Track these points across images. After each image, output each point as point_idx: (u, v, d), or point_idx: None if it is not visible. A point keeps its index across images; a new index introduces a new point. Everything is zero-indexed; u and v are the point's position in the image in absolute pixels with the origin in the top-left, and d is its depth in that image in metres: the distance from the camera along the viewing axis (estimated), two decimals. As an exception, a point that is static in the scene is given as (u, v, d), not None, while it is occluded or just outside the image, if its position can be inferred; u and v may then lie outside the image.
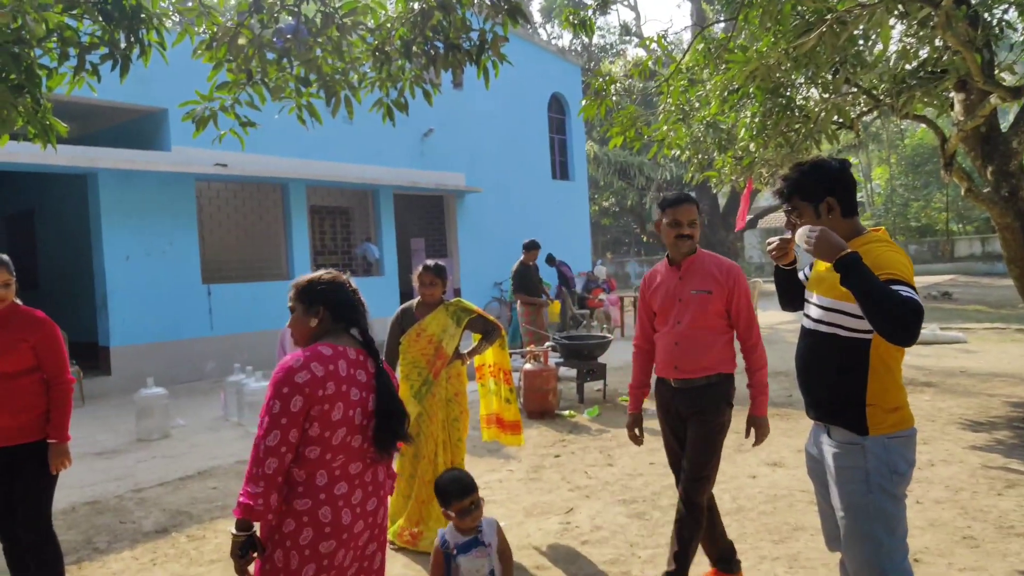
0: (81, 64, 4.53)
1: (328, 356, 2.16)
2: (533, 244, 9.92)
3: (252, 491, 2.00)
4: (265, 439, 2.03)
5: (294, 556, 2.09)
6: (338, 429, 2.13)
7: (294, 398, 2.05)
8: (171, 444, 7.05)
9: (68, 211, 12.14)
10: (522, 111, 18.24)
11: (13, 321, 3.30)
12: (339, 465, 2.16)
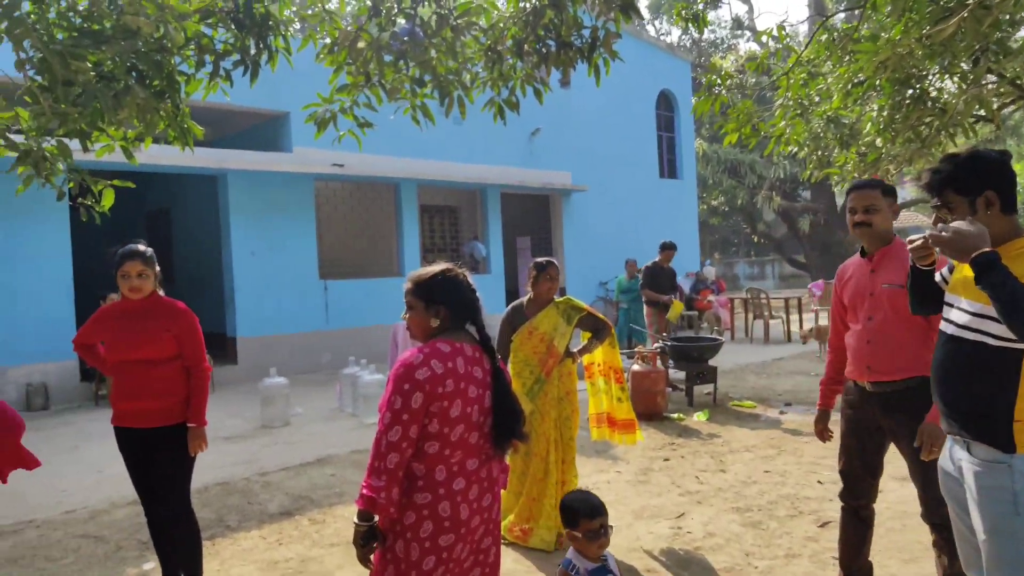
0: (216, 70, 4.81)
1: (447, 353, 2.18)
2: (668, 245, 9.52)
3: (375, 484, 2.04)
4: (387, 434, 2.06)
5: (415, 548, 2.12)
6: (456, 426, 2.15)
7: (415, 394, 2.07)
8: (291, 431, 7.40)
9: (200, 209, 12.98)
10: (629, 109, 18.00)
11: (157, 311, 3.54)
12: (457, 461, 2.18)
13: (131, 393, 3.48)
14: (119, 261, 3.53)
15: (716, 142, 26.67)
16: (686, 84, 20.12)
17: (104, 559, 4.29)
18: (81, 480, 5.88)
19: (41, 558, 4.31)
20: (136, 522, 4.86)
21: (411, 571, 2.13)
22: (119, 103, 4.34)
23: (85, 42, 4.23)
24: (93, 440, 7.22)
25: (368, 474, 2.07)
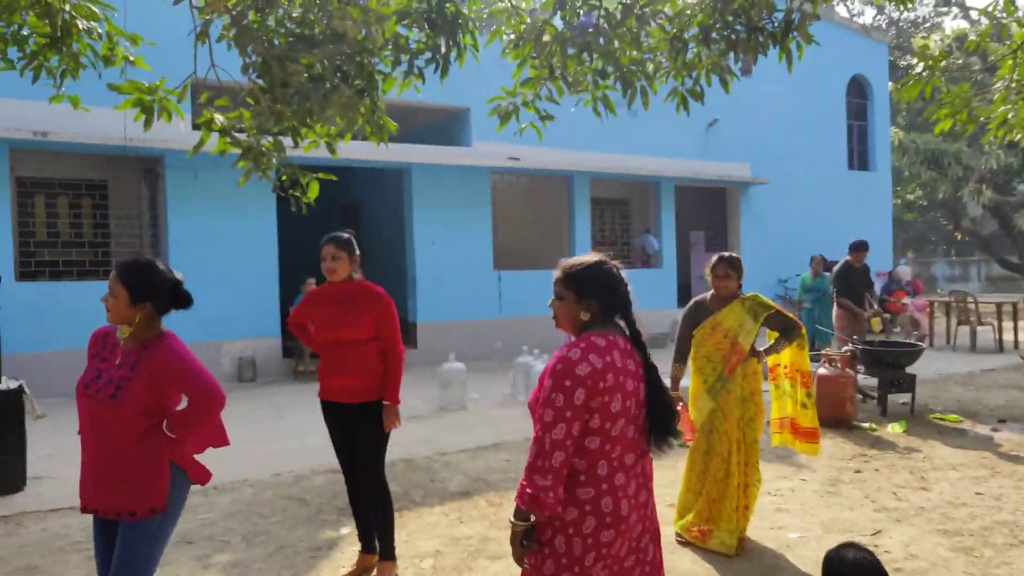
0: (410, 68, 5.07)
1: (603, 347, 2.12)
2: (860, 245, 8.72)
3: (541, 483, 2.00)
4: (551, 432, 2.01)
5: (576, 544, 2.08)
6: (617, 420, 2.11)
7: (577, 391, 2.03)
8: (467, 415, 7.71)
9: (387, 202, 13.80)
10: (816, 96, 16.88)
11: (359, 296, 3.80)
12: (617, 456, 2.14)
13: (335, 370, 3.77)
14: (321, 245, 3.84)
15: (915, 130, 24.37)
16: (882, 68, 18.53)
17: (307, 520, 4.70)
18: (285, 446, 6.48)
19: (255, 514, 4.79)
20: (333, 489, 5.27)
21: (573, 567, 2.08)
22: (327, 102, 4.69)
23: (299, 47, 4.60)
24: (295, 411, 7.94)
25: (531, 472, 2.02)
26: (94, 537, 2.74)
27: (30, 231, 10.42)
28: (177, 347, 2.66)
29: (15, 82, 5.73)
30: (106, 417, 2.57)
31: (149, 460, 2.58)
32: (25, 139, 8.91)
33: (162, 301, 2.69)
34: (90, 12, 4.72)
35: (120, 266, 2.68)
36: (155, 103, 4.70)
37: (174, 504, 2.66)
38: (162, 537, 2.65)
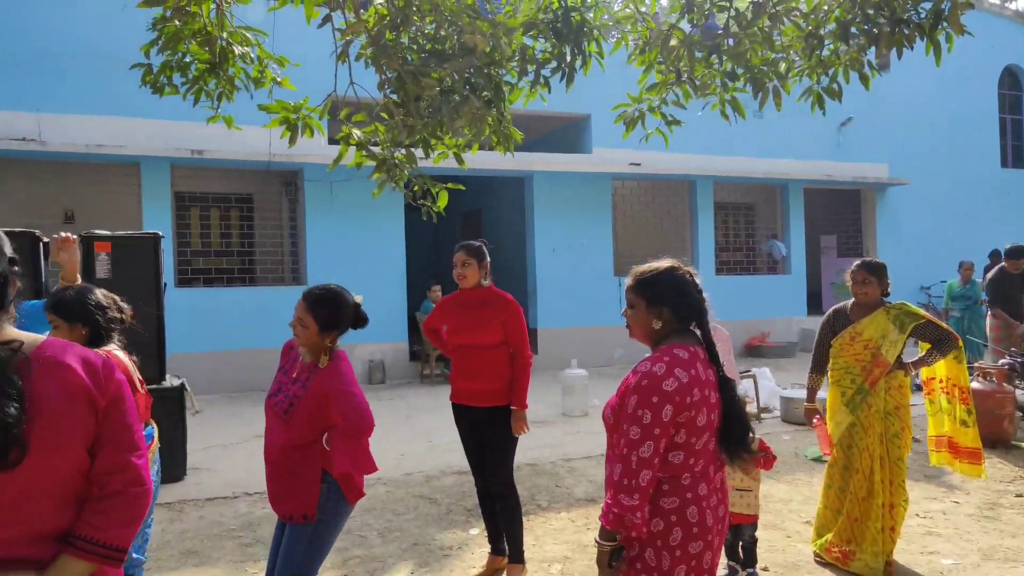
0: (537, 78, 5.15)
1: (686, 360, 2.06)
2: (1019, 250, 8.06)
3: (627, 503, 1.95)
4: (638, 450, 1.96)
5: (665, 557, 2.03)
6: (703, 434, 2.07)
7: (664, 407, 1.97)
8: (590, 421, 7.70)
9: (507, 209, 14.02)
10: (963, 89, 15.67)
11: (490, 301, 3.90)
12: (700, 468, 2.10)
13: (467, 374, 3.89)
14: (454, 252, 3.97)
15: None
16: (1040, 56, 16.99)
17: (437, 519, 4.86)
18: (415, 447, 6.72)
19: (389, 511, 5.00)
20: (461, 490, 5.41)
21: None
22: (457, 114, 4.84)
23: (431, 62, 4.78)
24: (422, 413, 8.22)
25: (617, 490, 1.96)
26: (275, 530, 2.95)
27: (186, 241, 11.35)
28: (342, 368, 2.77)
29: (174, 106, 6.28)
30: (279, 429, 2.78)
31: (303, 470, 2.74)
32: (184, 157, 9.74)
33: (346, 327, 2.84)
34: (244, 38, 5.10)
35: (310, 298, 2.79)
36: (299, 121, 5.03)
37: (327, 514, 2.76)
38: (317, 544, 2.77)
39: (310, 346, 2.81)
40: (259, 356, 10.32)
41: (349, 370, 2.80)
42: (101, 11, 9.67)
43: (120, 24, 9.43)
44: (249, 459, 6.42)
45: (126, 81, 8.25)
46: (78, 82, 9.50)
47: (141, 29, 5.58)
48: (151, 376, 5.76)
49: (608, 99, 5.44)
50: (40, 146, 9.11)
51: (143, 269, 5.85)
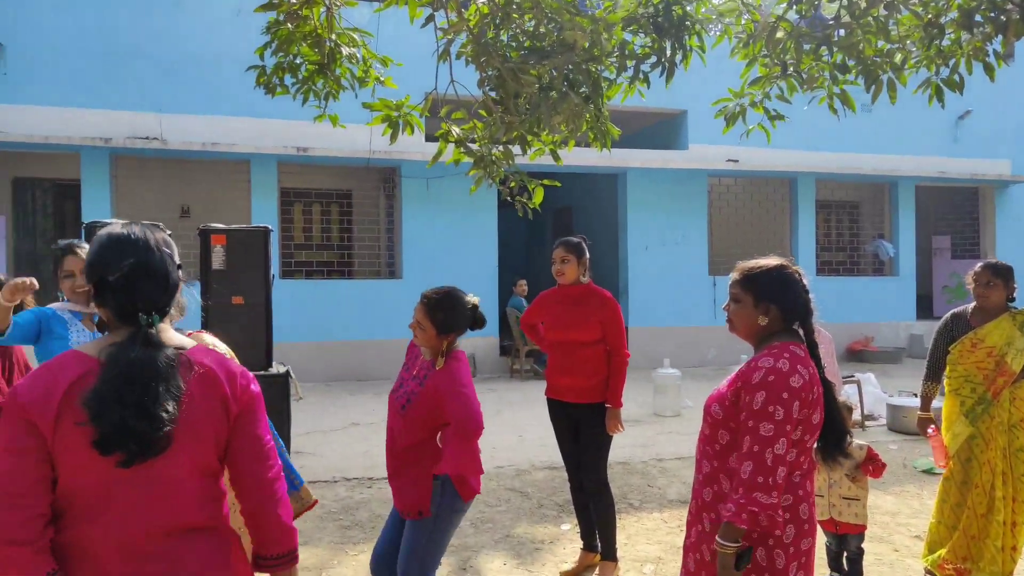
0: (636, 73, 5.09)
1: (803, 358, 2.07)
2: None
3: (767, 501, 1.93)
4: (772, 447, 1.95)
5: (779, 555, 2.02)
6: (815, 432, 2.10)
7: (794, 403, 1.98)
8: (683, 422, 7.58)
9: (599, 206, 13.94)
10: (1101, 78, 14.44)
11: (588, 298, 3.90)
12: (807, 466, 2.12)
13: (562, 369, 3.90)
14: (553, 248, 3.98)
15: None
16: None
17: (529, 513, 4.90)
18: (506, 440, 6.79)
19: (481, 502, 5.08)
20: (552, 485, 5.44)
21: None
22: (555, 110, 4.85)
23: (531, 59, 4.81)
24: (512, 407, 8.30)
25: (752, 488, 1.93)
26: (389, 517, 3.06)
27: (290, 235, 11.86)
28: (457, 369, 2.82)
29: (282, 105, 6.57)
30: (398, 424, 2.87)
31: (417, 467, 2.82)
32: (290, 154, 10.18)
33: (463, 329, 2.90)
34: (351, 39, 5.28)
35: (428, 302, 2.85)
36: (400, 118, 5.16)
37: (442, 511, 2.81)
38: (435, 539, 2.83)
39: (429, 347, 2.88)
40: (356, 347, 10.69)
41: (465, 371, 2.84)
42: (216, 17, 10.22)
43: (234, 29, 9.95)
44: (346, 446, 6.67)
45: (239, 82, 8.69)
46: (196, 84, 10.08)
47: (254, 33, 5.87)
48: (258, 363, 6.07)
49: (705, 94, 5.33)
50: (161, 144, 9.72)
51: (254, 261, 6.16)
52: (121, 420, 1.44)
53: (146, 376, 1.48)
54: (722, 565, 1.97)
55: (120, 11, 9.95)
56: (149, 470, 1.51)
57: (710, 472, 2.15)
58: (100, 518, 1.50)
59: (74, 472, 1.49)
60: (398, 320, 11.07)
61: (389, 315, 10.65)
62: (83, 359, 1.54)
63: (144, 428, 1.46)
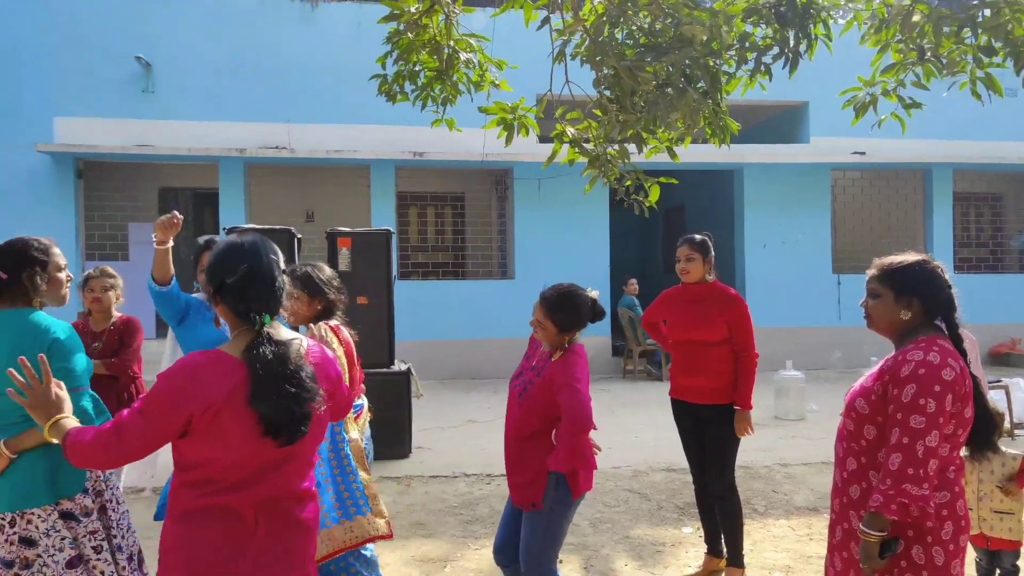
0: (757, 66, 4.93)
1: (952, 351, 2.06)
2: None
3: (917, 492, 1.91)
4: (924, 439, 1.93)
5: (938, 552, 1.99)
6: (967, 427, 2.08)
7: (947, 396, 1.96)
8: (806, 426, 7.27)
9: (713, 204, 13.57)
10: None
11: (713, 297, 3.82)
12: (959, 461, 2.12)
13: (686, 370, 3.83)
14: (677, 246, 3.92)
15: None
16: None
17: (648, 514, 4.85)
18: (620, 441, 6.74)
19: (599, 502, 5.08)
20: (671, 487, 5.36)
21: None
22: (673, 107, 4.78)
23: (648, 56, 4.76)
24: (626, 408, 8.22)
25: (899, 479, 1.93)
26: (505, 510, 3.11)
27: (406, 237, 12.26)
28: (573, 362, 2.83)
29: (399, 112, 6.81)
30: (515, 411, 2.93)
31: (532, 460, 2.85)
32: (407, 159, 10.53)
33: (583, 325, 2.92)
34: (468, 45, 5.41)
35: (546, 302, 2.89)
36: (515, 121, 5.23)
37: (554, 504, 2.83)
38: (550, 532, 2.86)
39: (550, 343, 2.92)
40: (469, 346, 10.90)
41: (581, 365, 2.84)
42: (339, 31, 10.71)
43: (355, 41, 10.40)
44: (463, 443, 6.82)
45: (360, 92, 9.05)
46: (320, 94, 10.60)
47: (374, 44, 6.11)
48: (381, 361, 6.31)
49: (828, 84, 5.07)
50: (289, 153, 10.29)
51: (376, 262, 6.41)
52: (284, 410, 1.74)
53: (286, 368, 1.77)
54: (865, 553, 1.98)
55: (251, 29, 10.61)
56: (293, 448, 1.81)
57: (856, 470, 2.14)
58: (251, 488, 1.78)
59: (234, 453, 1.76)
60: (510, 320, 11.28)
61: (501, 315, 10.81)
62: (228, 360, 1.78)
63: (302, 410, 1.77)
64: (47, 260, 2.55)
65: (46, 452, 2.41)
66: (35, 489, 2.41)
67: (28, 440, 2.38)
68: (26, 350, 2.35)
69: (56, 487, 2.43)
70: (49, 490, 2.42)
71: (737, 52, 4.93)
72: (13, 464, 2.39)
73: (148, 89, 10.29)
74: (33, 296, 2.53)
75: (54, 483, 2.43)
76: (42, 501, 2.40)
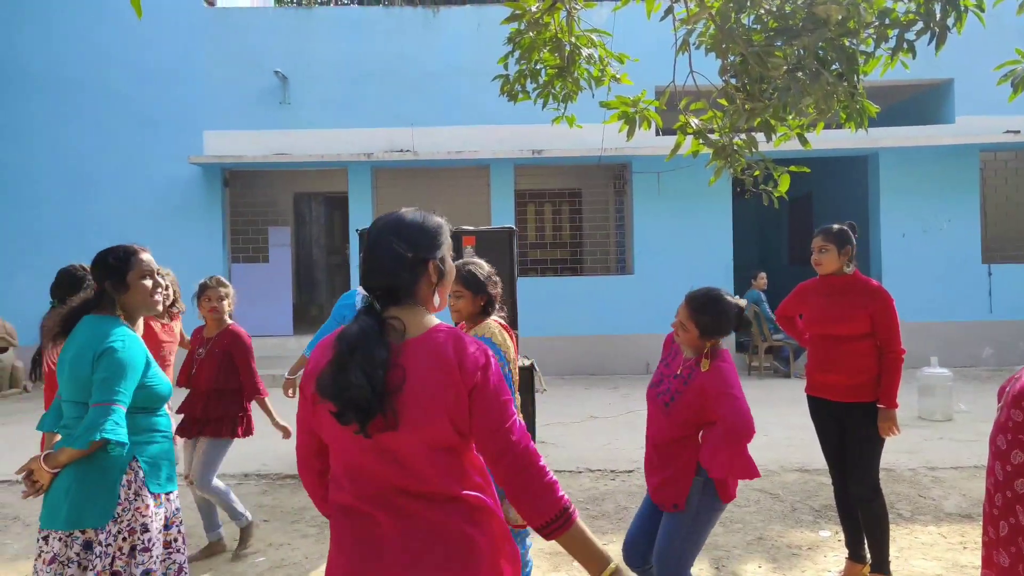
0: (899, 44, 4.63)
1: None
2: None
3: None
4: None
5: None
6: None
7: None
8: (954, 428, 6.76)
9: (843, 192, 12.87)
10: None
11: (855, 289, 3.62)
12: None
13: (824, 366, 3.66)
14: (813, 237, 3.76)
15: None
16: None
17: (782, 516, 4.68)
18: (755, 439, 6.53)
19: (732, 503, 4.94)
20: (805, 489, 5.14)
21: None
22: (806, 92, 4.58)
23: (778, 40, 4.58)
24: (755, 406, 7.83)
25: None
26: (641, 506, 3.09)
27: (524, 235, 12.39)
28: (726, 370, 2.77)
29: (518, 111, 6.89)
30: (660, 420, 2.90)
31: (679, 462, 2.81)
32: (525, 157, 10.64)
33: (727, 332, 2.87)
34: (590, 40, 5.40)
35: (693, 304, 2.84)
36: (636, 115, 5.17)
37: (701, 508, 2.79)
38: (692, 536, 2.82)
39: (691, 346, 2.86)
40: (588, 342, 10.89)
41: (732, 372, 2.77)
42: (458, 33, 10.98)
43: (473, 43, 10.62)
44: (586, 438, 6.82)
45: (480, 92, 9.24)
46: (442, 97, 10.91)
47: (492, 45, 6.21)
48: (506, 356, 6.41)
49: (977, 59, 4.66)
50: (413, 156, 10.65)
51: (500, 259, 6.50)
52: (340, 389, 1.54)
53: (357, 345, 1.56)
54: None
55: (376, 37, 11.06)
56: (395, 439, 1.57)
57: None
58: (361, 481, 1.62)
59: (336, 440, 1.64)
60: (629, 316, 11.17)
61: (621, 311, 10.72)
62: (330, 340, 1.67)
63: (361, 397, 1.52)
64: (125, 268, 2.54)
65: (79, 477, 2.38)
66: (57, 511, 2.38)
67: (63, 456, 2.37)
68: (82, 354, 2.42)
69: (80, 515, 2.37)
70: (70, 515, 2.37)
71: (876, 30, 4.67)
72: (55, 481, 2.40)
73: (285, 100, 10.95)
74: (116, 304, 2.55)
75: (80, 510, 2.37)
76: (59, 525, 2.37)
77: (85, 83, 10.89)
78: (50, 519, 2.39)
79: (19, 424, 7.61)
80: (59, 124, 10.88)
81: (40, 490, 2.42)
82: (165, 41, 10.92)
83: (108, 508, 2.38)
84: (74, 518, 2.35)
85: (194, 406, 4.16)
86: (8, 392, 10.08)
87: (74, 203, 10.77)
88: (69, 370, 2.44)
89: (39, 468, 2.39)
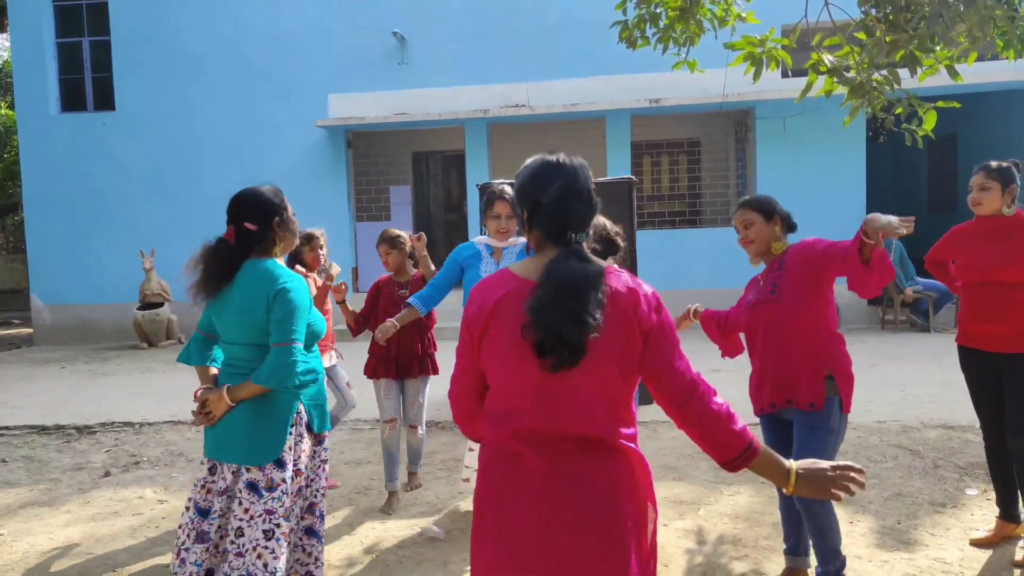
0: (1069, -41, 4.17)
1: None
2: None
3: None
4: None
5: None
6: None
7: None
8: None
9: (991, 133, 11.81)
10: None
11: (1016, 231, 3.31)
12: None
13: (980, 315, 3.41)
14: (972, 175, 3.48)
15: None
16: None
17: (923, 473, 4.46)
18: (885, 395, 6.23)
19: (863, 457, 4.77)
20: (949, 446, 4.88)
21: None
22: (960, 18, 4.22)
23: (928, -34, 4.22)
24: (889, 360, 7.55)
25: None
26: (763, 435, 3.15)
27: (641, 187, 12.17)
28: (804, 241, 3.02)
29: (634, 60, 6.70)
30: (771, 314, 3.01)
31: (800, 359, 2.91)
32: (642, 107, 10.40)
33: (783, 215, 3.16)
34: (713, -22, 5.17)
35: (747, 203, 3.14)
36: (764, 55, 4.91)
37: (832, 420, 2.85)
38: (830, 446, 2.84)
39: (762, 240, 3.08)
40: (706, 295, 10.59)
41: None
42: (571, -19, 10.77)
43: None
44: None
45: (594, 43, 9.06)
46: (555, 50, 10.79)
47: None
48: (626, 308, 6.39)
49: None
50: (529, 111, 10.64)
51: (620, 211, 6.45)
52: (558, 325, 1.54)
53: (580, 286, 1.55)
54: None
55: (490, -8, 11.03)
56: (564, 380, 1.59)
57: None
58: (518, 419, 1.63)
59: (499, 377, 1.67)
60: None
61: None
62: (510, 277, 1.69)
63: (575, 334, 1.53)
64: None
65: (256, 414, 2.48)
66: (230, 444, 2.50)
67: (244, 391, 2.47)
68: (254, 297, 2.45)
69: (252, 452, 2.47)
70: (243, 450, 2.48)
71: (1041, -56, 4.23)
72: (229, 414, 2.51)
73: (403, 61, 11.17)
74: (278, 243, 2.60)
75: (253, 446, 2.47)
76: (232, 459, 2.49)
77: (231, 60, 11.52)
78: (221, 451, 2.51)
79: (178, 371, 8.35)
80: (214, 101, 11.60)
81: (212, 420, 2.55)
82: (297, 12, 11.35)
83: (278, 446, 2.49)
84: (247, 454, 2.47)
85: (399, 347, 4.33)
86: (166, 343, 11.06)
87: (228, 172, 11.50)
88: (239, 314, 2.51)
89: (219, 400, 2.50)
